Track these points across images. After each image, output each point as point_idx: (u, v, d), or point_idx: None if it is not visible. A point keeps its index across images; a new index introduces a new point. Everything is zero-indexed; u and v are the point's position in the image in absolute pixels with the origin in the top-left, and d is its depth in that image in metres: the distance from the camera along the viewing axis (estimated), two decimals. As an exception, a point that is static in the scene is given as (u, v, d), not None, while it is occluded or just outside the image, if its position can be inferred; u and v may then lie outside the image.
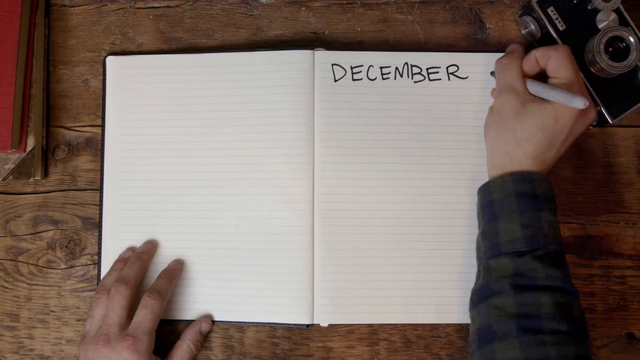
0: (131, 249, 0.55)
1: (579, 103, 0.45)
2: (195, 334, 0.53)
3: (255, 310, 0.54)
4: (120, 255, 0.55)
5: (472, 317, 0.48)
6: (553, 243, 0.46)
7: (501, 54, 0.56)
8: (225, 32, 0.59)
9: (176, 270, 0.54)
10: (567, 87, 0.47)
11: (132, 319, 0.50)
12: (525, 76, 0.50)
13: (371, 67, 0.56)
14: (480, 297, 0.47)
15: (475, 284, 0.49)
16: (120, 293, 0.50)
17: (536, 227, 0.46)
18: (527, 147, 0.48)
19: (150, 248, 0.55)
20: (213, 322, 0.54)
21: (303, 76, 0.55)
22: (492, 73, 0.55)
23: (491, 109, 0.52)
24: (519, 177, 0.47)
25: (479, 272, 0.49)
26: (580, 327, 0.45)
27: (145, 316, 0.50)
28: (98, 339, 0.48)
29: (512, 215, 0.47)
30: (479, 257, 0.50)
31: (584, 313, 0.46)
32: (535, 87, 0.49)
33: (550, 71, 0.49)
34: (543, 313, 0.44)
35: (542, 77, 0.51)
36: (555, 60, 0.48)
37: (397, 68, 0.56)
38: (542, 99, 0.48)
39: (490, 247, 0.47)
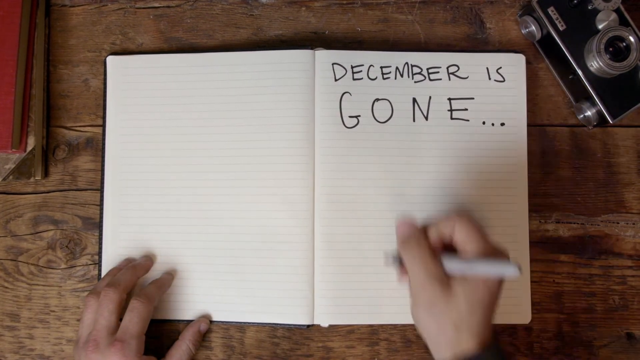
0: (129, 260, 0.55)
1: (513, 271, 0.43)
2: (194, 334, 0.53)
3: (255, 310, 0.54)
4: (117, 265, 0.55)
5: None
6: None
7: (502, 54, 0.56)
8: (226, 32, 0.59)
9: (167, 280, 0.54)
10: (485, 257, 0.44)
11: None
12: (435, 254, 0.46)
13: (372, 67, 0.56)
14: None
15: None
16: (108, 297, 0.50)
17: None
18: (471, 327, 0.44)
19: (148, 262, 0.54)
20: (211, 321, 0.54)
21: (303, 76, 0.55)
22: (394, 259, 0.49)
23: (417, 301, 0.46)
24: None
25: None
26: None
27: (132, 320, 0.49)
28: (87, 345, 0.48)
29: None
30: None
31: None
32: (454, 265, 0.45)
33: (461, 244, 0.45)
34: None
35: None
36: (461, 234, 0.45)
37: (397, 68, 0.56)
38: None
39: None
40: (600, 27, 0.53)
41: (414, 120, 0.55)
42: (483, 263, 0.44)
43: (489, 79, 0.56)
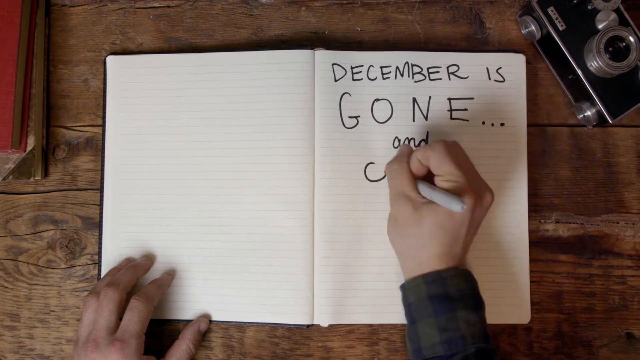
0: (129, 260, 0.55)
1: (457, 207, 0.44)
2: (194, 334, 0.53)
3: (255, 310, 0.54)
4: (117, 264, 0.55)
5: None
6: (473, 342, 0.45)
7: (502, 54, 0.56)
8: (226, 32, 0.59)
9: (167, 280, 0.54)
10: (452, 183, 0.46)
11: None
12: (416, 178, 0.49)
13: (371, 67, 0.56)
14: None
15: None
16: (108, 297, 0.50)
17: (453, 329, 0.45)
18: (431, 249, 0.47)
19: (147, 263, 0.55)
20: (211, 321, 0.54)
21: (303, 76, 0.55)
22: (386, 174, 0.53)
23: (390, 216, 0.50)
24: (430, 279, 0.47)
25: None
26: None
27: (132, 319, 0.49)
28: (87, 345, 0.48)
29: (428, 319, 0.46)
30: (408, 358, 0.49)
31: None
32: (424, 190, 0.47)
33: (434, 170, 0.48)
34: None
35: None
36: (435, 160, 0.47)
37: (397, 68, 0.56)
38: None
39: (414, 351, 0.47)
40: (600, 27, 0.53)
41: (413, 120, 0.55)
42: (440, 193, 0.46)
43: (489, 79, 0.56)
